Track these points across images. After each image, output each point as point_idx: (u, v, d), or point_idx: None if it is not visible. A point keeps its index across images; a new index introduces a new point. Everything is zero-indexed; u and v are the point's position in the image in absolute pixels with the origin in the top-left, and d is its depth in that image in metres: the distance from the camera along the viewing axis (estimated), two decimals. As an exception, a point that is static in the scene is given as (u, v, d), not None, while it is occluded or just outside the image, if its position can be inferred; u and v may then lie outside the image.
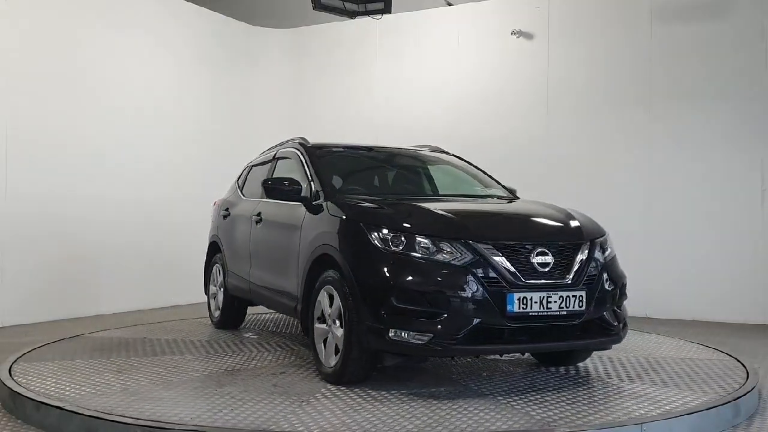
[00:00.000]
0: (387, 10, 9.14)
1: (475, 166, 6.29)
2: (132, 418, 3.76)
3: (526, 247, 4.36)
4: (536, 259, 4.34)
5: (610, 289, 4.60)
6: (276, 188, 5.33)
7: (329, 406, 4.10)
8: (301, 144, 5.94)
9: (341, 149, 6.22)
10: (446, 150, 6.58)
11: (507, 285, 4.22)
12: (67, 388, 4.45)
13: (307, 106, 11.13)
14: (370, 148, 6.38)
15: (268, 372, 5.01)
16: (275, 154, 6.45)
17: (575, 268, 4.44)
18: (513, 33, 9.61)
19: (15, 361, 5.20)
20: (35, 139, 7.91)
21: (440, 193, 5.97)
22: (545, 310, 4.26)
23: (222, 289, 6.99)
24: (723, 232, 8.43)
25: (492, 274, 4.23)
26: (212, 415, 3.88)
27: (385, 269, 4.31)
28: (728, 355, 5.76)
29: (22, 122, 7.78)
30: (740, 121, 8.44)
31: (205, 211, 9.89)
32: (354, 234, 4.55)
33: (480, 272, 4.23)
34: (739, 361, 5.48)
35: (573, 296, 4.34)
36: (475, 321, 4.17)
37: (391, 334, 4.21)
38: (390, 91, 10.49)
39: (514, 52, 9.68)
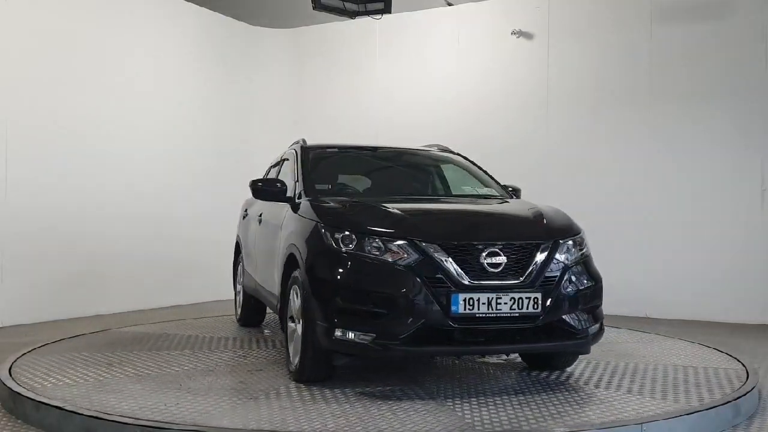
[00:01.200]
0: (387, 10, 9.14)
1: (479, 166, 6.25)
2: (132, 418, 3.76)
3: (477, 247, 4.27)
4: (487, 260, 4.24)
5: (573, 291, 4.45)
6: (260, 189, 5.36)
7: (273, 404, 4.12)
8: (300, 145, 5.98)
9: (337, 150, 6.24)
10: (452, 150, 6.52)
11: (452, 285, 4.15)
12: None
13: (307, 106, 11.12)
14: (368, 149, 6.41)
15: (245, 369, 5.07)
16: (282, 155, 6.54)
17: (531, 268, 4.31)
18: (513, 33, 9.61)
19: (15, 361, 5.20)
20: (35, 140, 7.91)
21: (428, 193, 5.93)
22: (494, 311, 4.16)
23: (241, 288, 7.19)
24: (723, 232, 8.43)
25: (437, 275, 4.17)
26: (152, 408, 3.96)
27: (333, 268, 4.34)
28: (728, 355, 5.76)
29: (23, 123, 7.77)
30: (740, 121, 8.44)
31: (206, 211, 9.93)
32: (311, 233, 4.59)
33: (425, 272, 4.18)
34: (739, 361, 5.48)
35: (527, 298, 4.22)
36: (419, 322, 4.12)
37: (337, 334, 4.22)
38: (390, 90, 10.48)
39: (514, 52, 9.68)
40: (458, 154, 6.36)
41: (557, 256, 4.46)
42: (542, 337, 4.36)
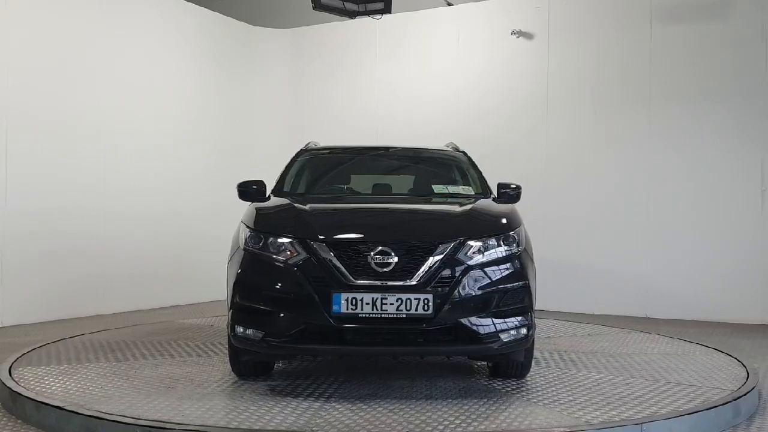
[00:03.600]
0: (387, 10, 9.14)
1: (473, 165, 6.07)
2: (132, 417, 3.76)
3: (366, 246, 4.20)
4: (375, 259, 4.15)
5: (480, 292, 4.23)
6: (241, 190, 5.36)
7: (192, 397, 4.25)
8: (302, 148, 6.09)
9: (329, 152, 6.27)
10: (459, 148, 6.40)
11: (335, 285, 4.12)
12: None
13: (306, 106, 11.12)
14: (363, 149, 6.43)
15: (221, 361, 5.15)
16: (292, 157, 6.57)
17: (423, 269, 4.16)
18: (513, 33, 9.61)
19: (15, 361, 5.19)
20: (35, 141, 7.90)
21: (395, 193, 5.86)
22: (379, 312, 4.07)
23: None
24: (723, 232, 8.43)
25: (321, 274, 4.17)
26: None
27: (237, 267, 4.46)
28: (728, 355, 5.77)
29: (23, 123, 7.77)
30: (740, 121, 8.44)
31: (206, 211, 9.93)
32: (235, 233, 4.78)
33: (310, 271, 4.19)
34: (739, 361, 5.48)
35: (416, 299, 4.08)
36: (303, 320, 4.15)
37: (238, 330, 4.33)
38: (390, 90, 10.48)
39: (514, 52, 9.68)
40: (463, 153, 6.23)
41: (459, 256, 4.25)
42: (438, 341, 4.21)
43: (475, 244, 4.34)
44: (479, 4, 10.04)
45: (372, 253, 4.16)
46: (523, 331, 4.33)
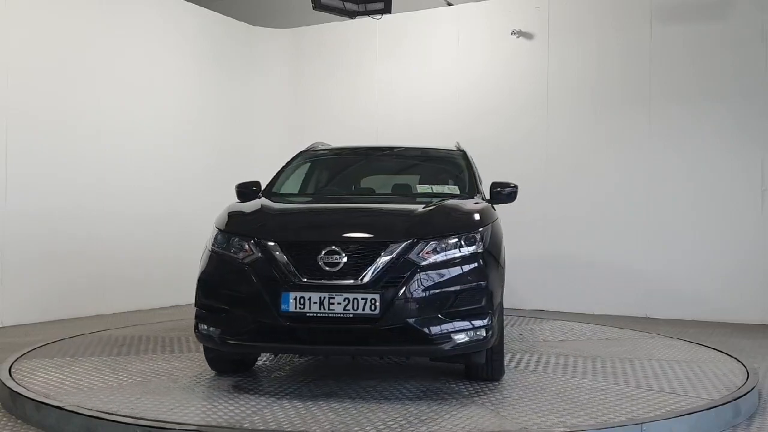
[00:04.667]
0: (387, 10, 9.13)
1: (468, 165, 5.93)
2: (132, 417, 3.76)
3: (316, 246, 4.23)
4: (324, 259, 4.18)
5: (432, 293, 4.18)
6: (239, 191, 5.52)
7: (166, 392, 4.37)
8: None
9: (323, 153, 6.30)
10: (460, 148, 6.30)
11: (284, 284, 4.17)
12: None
13: (306, 106, 11.12)
14: (360, 150, 6.46)
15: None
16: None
17: (371, 268, 4.15)
18: (513, 33, 9.61)
19: (15, 361, 5.19)
20: (35, 141, 7.90)
21: (377, 193, 5.93)
22: (326, 311, 4.10)
23: None
24: (723, 232, 8.43)
25: (272, 273, 4.22)
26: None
27: (202, 266, 4.61)
28: (728, 355, 5.76)
29: (23, 124, 7.77)
30: (740, 121, 8.44)
31: (206, 211, 9.90)
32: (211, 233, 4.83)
33: (262, 270, 4.25)
34: (739, 361, 5.48)
35: (363, 299, 4.08)
36: (254, 319, 4.22)
37: (201, 328, 4.44)
38: (390, 90, 10.48)
39: (514, 52, 9.68)
40: (461, 152, 6.15)
41: (410, 256, 4.21)
42: (387, 341, 4.18)
43: (430, 243, 4.30)
44: (479, 4, 10.04)
45: (322, 253, 4.19)
46: (482, 332, 4.24)
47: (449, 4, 10.60)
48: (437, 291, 4.21)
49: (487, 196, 5.47)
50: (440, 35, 10.24)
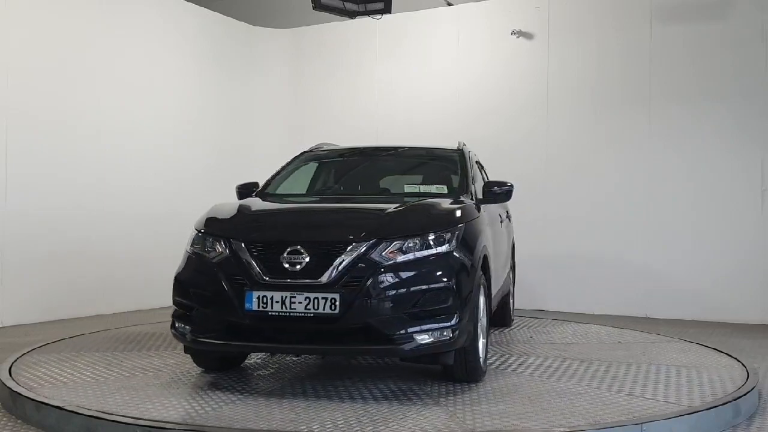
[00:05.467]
0: (387, 10, 9.14)
1: (463, 165, 5.83)
2: (132, 417, 3.75)
3: (279, 245, 4.28)
4: (287, 258, 4.22)
5: (393, 292, 4.16)
6: (240, 192, 5.64)
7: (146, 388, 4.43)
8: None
9: (322, 153, 6.32)
10: (462, 147, 6.29)
11: (248, 283, 4.23)
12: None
13: (306, 106, 11.12)
14: (358, 150, 6.47)
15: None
16: None
17: (332, 268, 4.17)
18: (513, 33, 9.61)
19: (15, 361, 5.19)
20: (35, 141, 7.90)
21: (367, 193, 5.89)
22: (288, 310, 4.14)
23: None
24: (723, 232, 8.43)
25: (238, 272, 4.29)
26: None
27: (180, 266, 4.70)
28: (728, 355, 5.76)
29: (23, 124, 7.77)
30: (740, 121, 8.44)
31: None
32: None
33: (229, 270, 4.32)
34: (739, 361, 5.47)
35: (323, 298, 4.11)
36: (220, 318, 4.31)
37: (177, 326, 4.53)
38: (390, 90, 10.48)
39: (514, 52, 9.68)
40: (459, 151, 6.08)
41: (373, 255, 4.21)
42: (349, 340, 4.20)
43: (394, 243, 4.29)
44: (479, 4, 10.04)
45: (285, 253, 4.24)
46: (447, 333, 4.20)
47: (449, 4, 10.60)
48: (401, 291, 4.20)
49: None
50: (440, 35, 10.24)
